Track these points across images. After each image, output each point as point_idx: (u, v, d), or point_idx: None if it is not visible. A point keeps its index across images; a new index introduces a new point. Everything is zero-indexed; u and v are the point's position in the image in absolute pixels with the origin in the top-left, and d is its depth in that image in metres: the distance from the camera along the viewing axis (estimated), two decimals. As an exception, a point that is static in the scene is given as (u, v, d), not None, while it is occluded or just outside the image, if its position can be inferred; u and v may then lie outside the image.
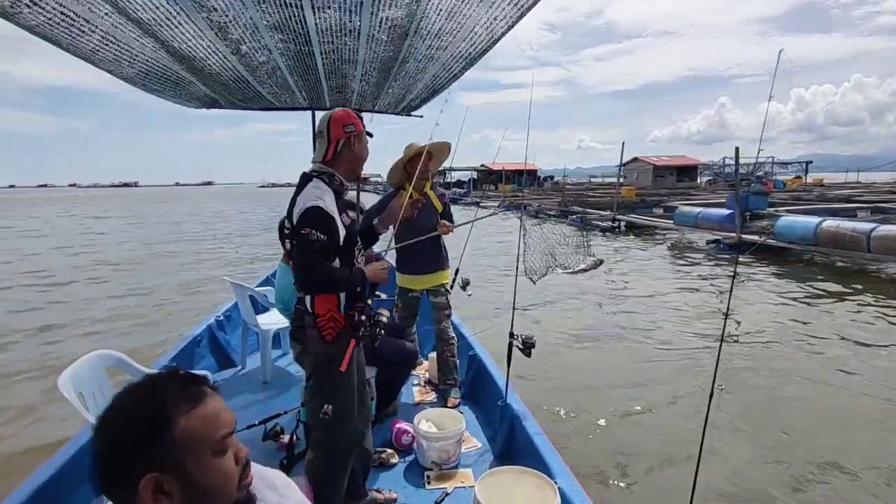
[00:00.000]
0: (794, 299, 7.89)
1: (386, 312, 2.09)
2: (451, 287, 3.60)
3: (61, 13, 1.70)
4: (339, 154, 1.89)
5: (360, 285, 1.93)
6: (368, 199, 4.09)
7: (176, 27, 1.91)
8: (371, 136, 2.44)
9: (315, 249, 1.75)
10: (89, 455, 0.74)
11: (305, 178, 1.89)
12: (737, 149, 13.96)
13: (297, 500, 1.00)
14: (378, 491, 2.30)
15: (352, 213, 1.97)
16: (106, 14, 1.73)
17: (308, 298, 1.88)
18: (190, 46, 2.15)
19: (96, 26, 1.84)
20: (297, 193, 1.87)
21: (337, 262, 1.85)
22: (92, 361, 2.43)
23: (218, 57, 2.33)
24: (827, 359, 5.35)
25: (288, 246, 1.94)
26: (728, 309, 1.76)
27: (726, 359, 5.08)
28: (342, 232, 1.83)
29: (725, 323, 1.59)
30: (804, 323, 6.65)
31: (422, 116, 4.35)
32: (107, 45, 2.04)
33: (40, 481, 1.98)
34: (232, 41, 2.15)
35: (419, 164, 2.82)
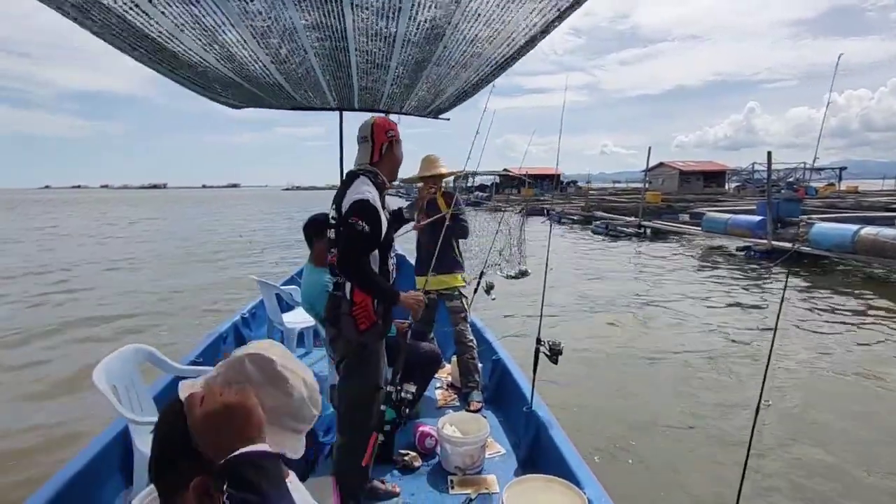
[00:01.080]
0: (832, 310, 7.59)
1: (412, 389, 2.23)
2: (476, 290, 3.57)
3: (120, 16, 1.75)
4: (383, 156, 2.08)
5: (390, 303, 2.07)
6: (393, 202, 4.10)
7: (221, 34, 1.95)
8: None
9: (361, 239, 1.90)
10: (120, 446, 0.77)
11: (353, 176, 2.05)
12: (769, 153, 13.59)
13: (302, 500, 1.00)
14: (381, 482, 2.34)
15: (386, 214, 2.09)
16: (161, 13, 1.78)
17: (348, 287, 2.00)
18: (232, 50, 2.19)
19: (153, 27, 1.88)
20: (344, 189, 2.02)
21: (376, 256, 2.00)
22: (125, 355, 2.48)
23: (256, 60, 2.37)
24: (871, 378, 5.13)
25: (332, 234, 2.05)
26: (777, 323, 1.68)
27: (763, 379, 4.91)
28: (384, 226, 1.98)
29: (774, 338, 1.50)
30: (844, 335, 6.41)
31: (449, 119, 4.35)
32: (163, 45, 2.09)
33: (73, 471, 2.02)
34: (271, 46, 2.18)
35: (430, 182, 3.28)
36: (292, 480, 1.02)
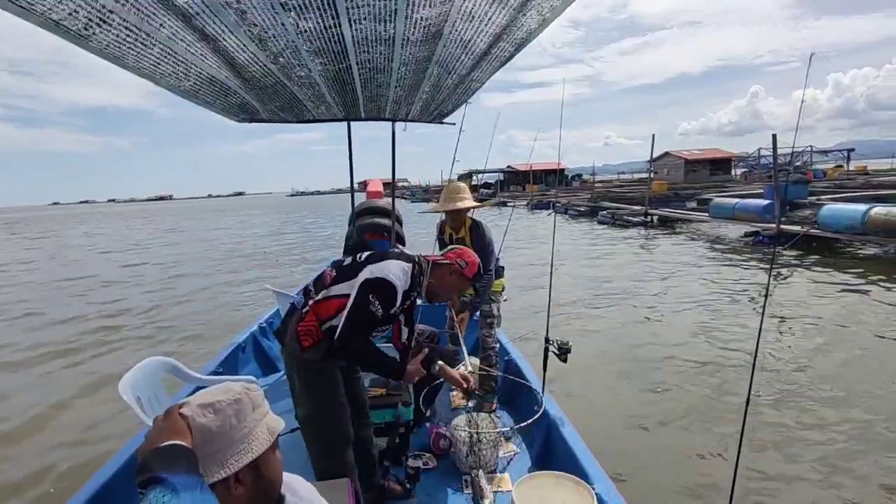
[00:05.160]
0: (841, 296, 7.53)
1: (418, 464, 2.22)
2: (503, 296, 3.53)
3: (126, 29, 1.80)
4: (438, 266, 2.04)
5: (392, 377, 2.01)
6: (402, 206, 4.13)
7: (225, 41, 1.99)
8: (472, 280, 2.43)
9: (370, 319, 1.83)
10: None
11: (409, 257, 2.00)
12: (774, 136, 13.43)
13: (309, 499, 1.07)
14: (397, 482, 2.39)
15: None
16: (161, 26, 1.81)
17: (311, 301, 2.00)
18: (237, 61, 2.23)
19: (156, 39, 1.92)
20: (386, 253, 2.00)
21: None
22: (149, 367, 2.56)
23: (268, 75, 2.41)
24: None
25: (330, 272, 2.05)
26: (764, 307, 1.72)
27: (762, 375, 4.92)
28: (392, 312, 1.90)
29: (762, 323, 1.54)
30: (855, 322, 6.37)
31: (454, 124, 4.36)
32: (165, 58, 2.13)
33: (101, 481, 2.11)
34: (271, 53, 2.22)
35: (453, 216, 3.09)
36: (297, 487, 1.08)
